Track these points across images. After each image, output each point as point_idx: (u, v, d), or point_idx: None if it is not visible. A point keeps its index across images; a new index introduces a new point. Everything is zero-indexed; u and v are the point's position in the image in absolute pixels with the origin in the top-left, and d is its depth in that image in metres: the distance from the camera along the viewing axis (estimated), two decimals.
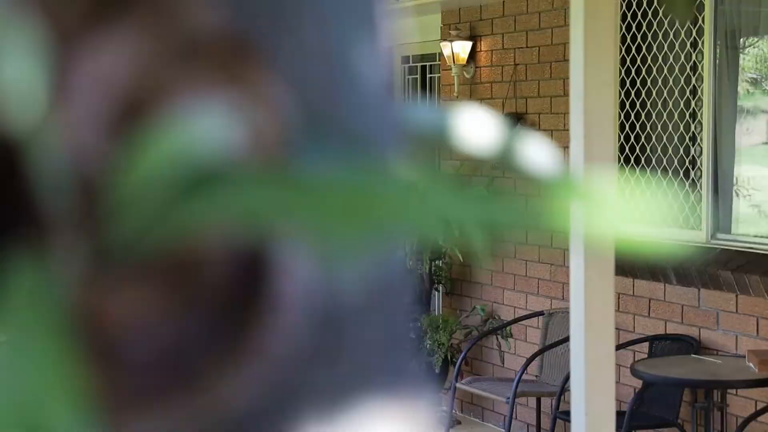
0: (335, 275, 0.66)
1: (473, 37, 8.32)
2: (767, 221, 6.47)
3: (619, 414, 6.45)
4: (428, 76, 9.50)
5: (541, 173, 0.70)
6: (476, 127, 1.01)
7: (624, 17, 7.16)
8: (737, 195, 6.65)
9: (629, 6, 7.16)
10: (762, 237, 6.41)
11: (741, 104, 6.64)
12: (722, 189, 6.73)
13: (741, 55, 6.66)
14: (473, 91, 8.36)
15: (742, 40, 6.67)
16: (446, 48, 8.35)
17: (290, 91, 0.59)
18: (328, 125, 0.66)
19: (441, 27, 8.63)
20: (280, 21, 0.62)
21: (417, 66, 9.62)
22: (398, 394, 0.69)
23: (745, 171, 6.63)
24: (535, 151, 1.06)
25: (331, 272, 0.66)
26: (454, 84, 8.41)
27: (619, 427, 6.24)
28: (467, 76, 8.36)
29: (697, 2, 6.76)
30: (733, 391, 6.28)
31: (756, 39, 6.63)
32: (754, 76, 6.68)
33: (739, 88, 6.64)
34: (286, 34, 0.63)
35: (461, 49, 8.30)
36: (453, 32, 8.33)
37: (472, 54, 8.32)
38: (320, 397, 0.65)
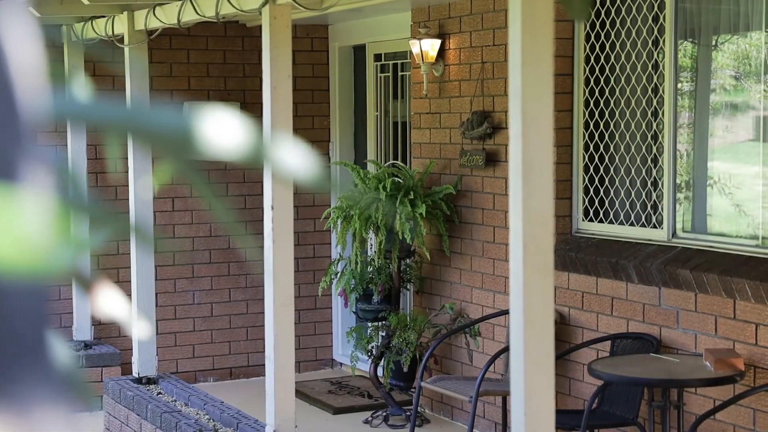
0: None
1: (442, 35, 8.29)
2: (728, 220, 6.46)
3: (580, 412, 6.44)
4: (400, 74, 9.47)
5: None
6: (222, 129, 0.99)
7: (587, 16, 7.14)
8: (699, 194, 6.63)
9: (593, 4, 7.14)
10: (721, 236, 6.39)
11: (708, 102, 6.61)
12: (684, 188, 6.71)
13: (711, 53, 6.63)
14: (442, 89, 8.33)
15: (705, 37, 6.65)
16: (415, 46, 8.31)
17: None
18: None
19: (411, 25, 8.61)
20: None
21: (389, 64, 9.60)
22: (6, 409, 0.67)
23: (709, 170, 6.61)
24: (291, 155, 1.04)
25: None
26: (423, 82, 8.39)
27: (578, 425, 6.23)
28: (436, 74, 8.33)
29: (645, 2, 6.74)
30: (692, 389, 6.27)
31: (720, 36, 6.60)
32: (726, 73, 6.64)
33: (710, 86, 6.61)
34: None
35: (430, 47, 8.26)
36: (422, 30, 8.29)
37: (441, 52, 8.29)
38: None
